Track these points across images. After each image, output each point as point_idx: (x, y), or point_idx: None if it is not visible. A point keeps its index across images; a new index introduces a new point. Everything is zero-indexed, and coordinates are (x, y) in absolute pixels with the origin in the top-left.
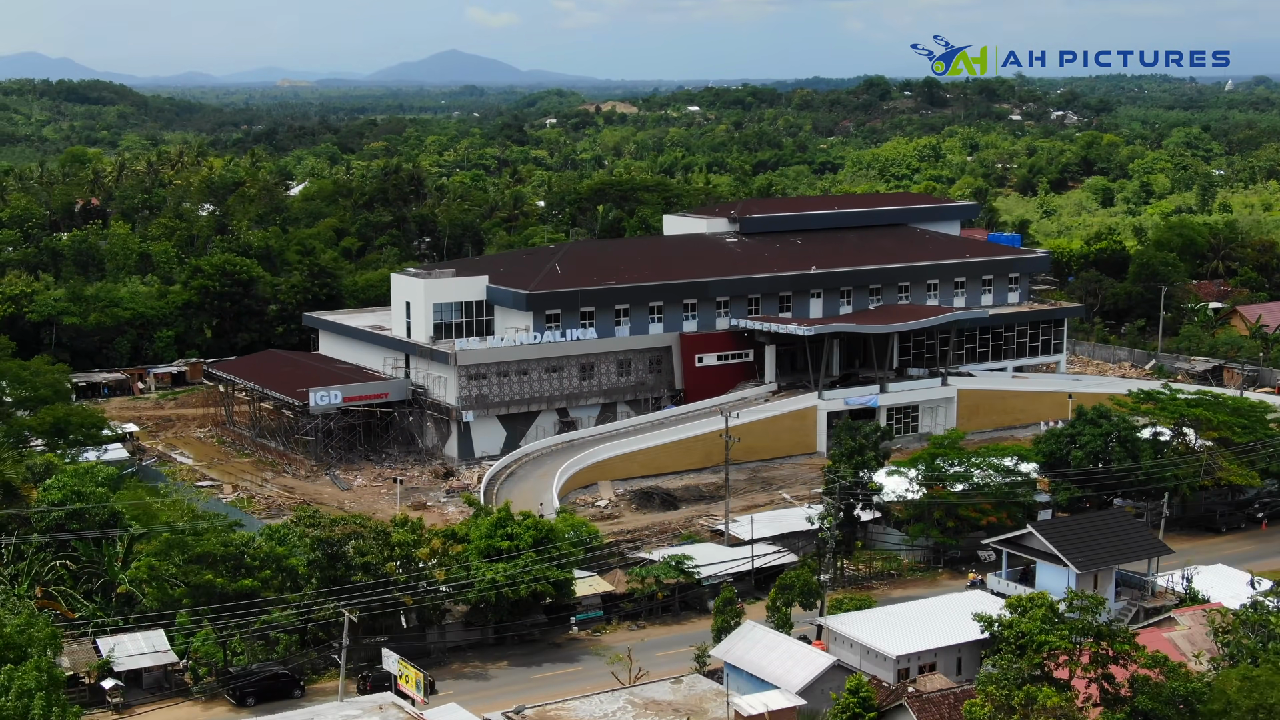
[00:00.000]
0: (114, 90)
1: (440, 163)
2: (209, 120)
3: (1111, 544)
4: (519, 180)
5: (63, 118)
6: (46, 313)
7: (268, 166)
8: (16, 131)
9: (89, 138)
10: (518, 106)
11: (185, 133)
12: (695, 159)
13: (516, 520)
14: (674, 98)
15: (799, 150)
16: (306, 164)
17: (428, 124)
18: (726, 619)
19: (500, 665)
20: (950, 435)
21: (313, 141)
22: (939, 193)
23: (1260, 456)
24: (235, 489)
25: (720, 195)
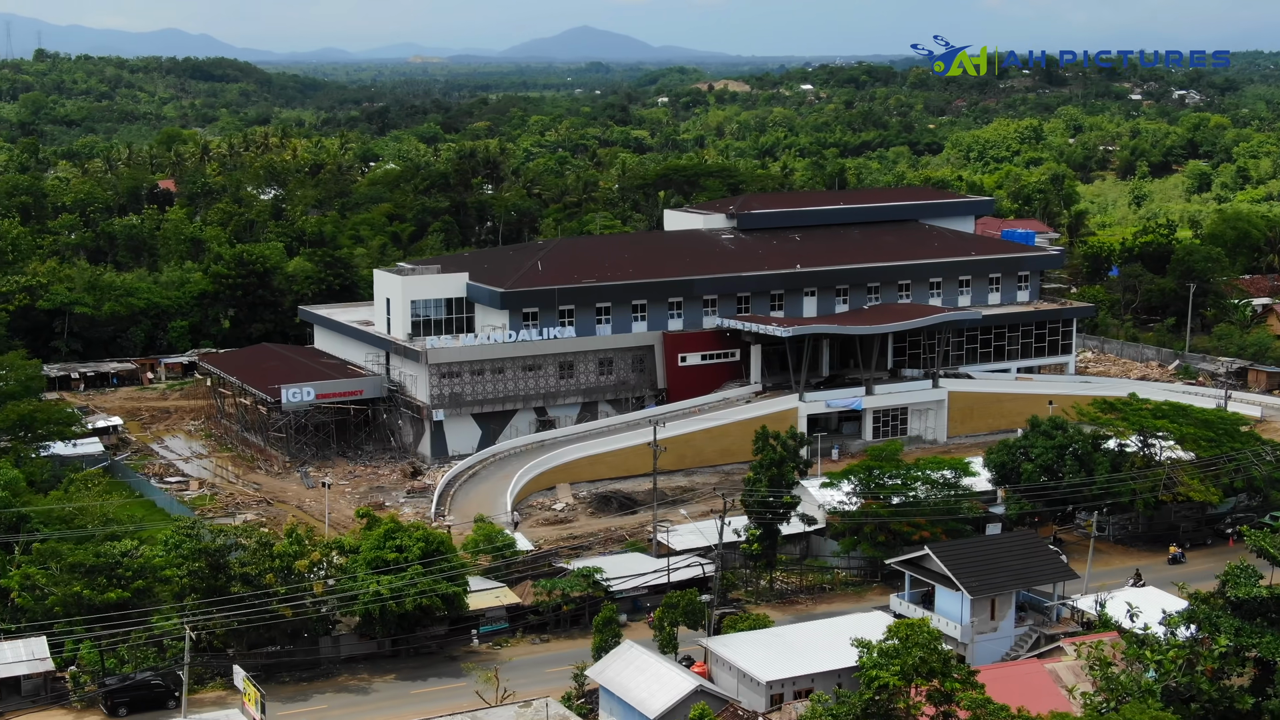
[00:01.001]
0: (238, 68)
1: (541, 143)
2: (331, 98)
3: (1012, 567)
4: (598, 164)
5: (185, 95)
6: (58, 302)
7: (355, 148)
8: (137, 109)
9: (206, 116)
10: (639, 84)
11: (303, 110)
12: (797, 140)
13: (407, 531)
14: (788, 76)
15: (904, 131)
16: (393, 146)
17: (540, 103)
18: (605, 638)
19: (388, 678)
20: (888, 446)
21: (420, 121)
22: (1013, 177)
23: (1225, 471)
24: (201, 485)
25: (784, 182)
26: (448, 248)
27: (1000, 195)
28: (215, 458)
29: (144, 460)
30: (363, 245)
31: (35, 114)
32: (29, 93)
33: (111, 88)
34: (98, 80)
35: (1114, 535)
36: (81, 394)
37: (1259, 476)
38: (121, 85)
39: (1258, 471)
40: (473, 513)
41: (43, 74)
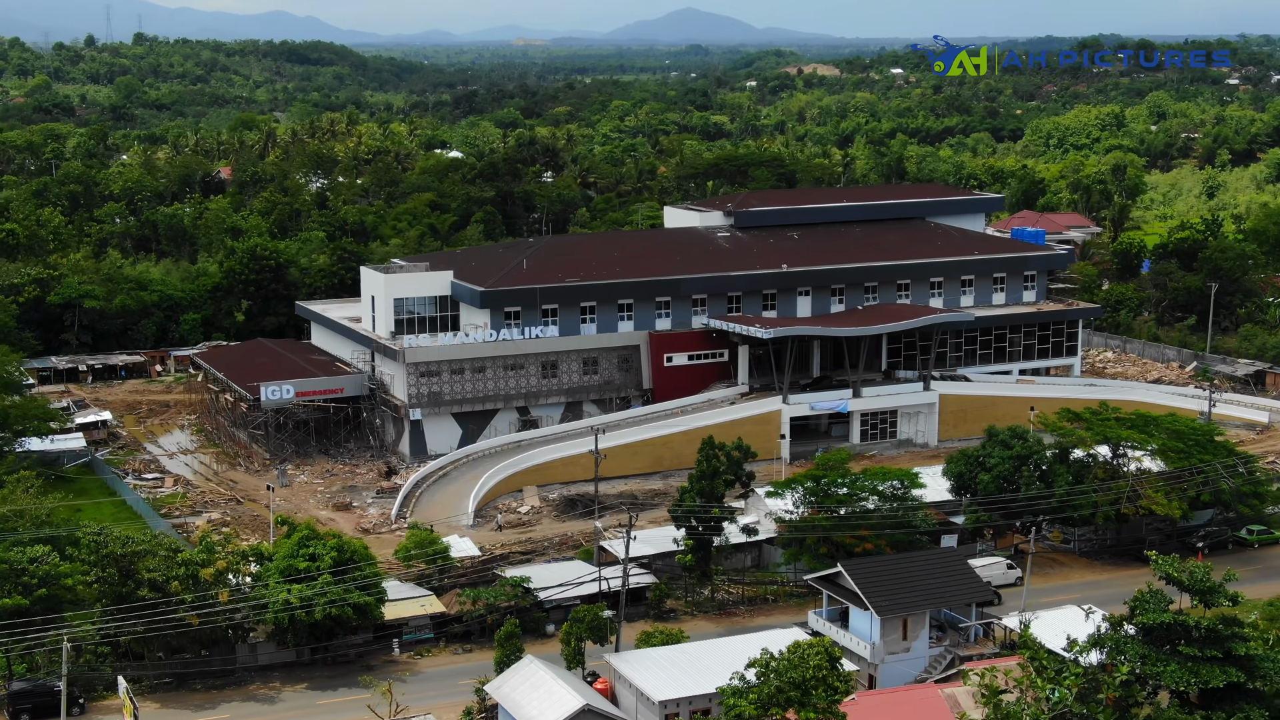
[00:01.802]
0: (334, 51)
1: (620, 128)
2: (425, 81)
3: (926, 586)
4: (661, 151)
5: (280, 79)
6: (68, 295)
7: (424, 134)
8: (228, 93)
9: (296, 99)
10: (735, 67)
11: (395, 94)
12: (879, 125)
13: (321, 539)
14: (879, 59)
15: (988, 116)
16: (461, 133)
17: (628, 87)
18: (507, 652)
19: (299, 688)
20: (836, 455)
21: (502, 105)
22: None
23: (1192, 484)
24: (175, 482)
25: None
26: (489, 238)
27: (1059, 186)
28: (201, 454)
29: (128, 456)
30: (400, 236)
31: (127, 98)
32: (123, 76)
33: (207, 71)
34: (194, 64)
35: (1080, 548)
36: (88, 386)
37: (1227, 490)
38: (217, 69)
39: (1225, 485)
40: (436, 515)
41: (140, 57)
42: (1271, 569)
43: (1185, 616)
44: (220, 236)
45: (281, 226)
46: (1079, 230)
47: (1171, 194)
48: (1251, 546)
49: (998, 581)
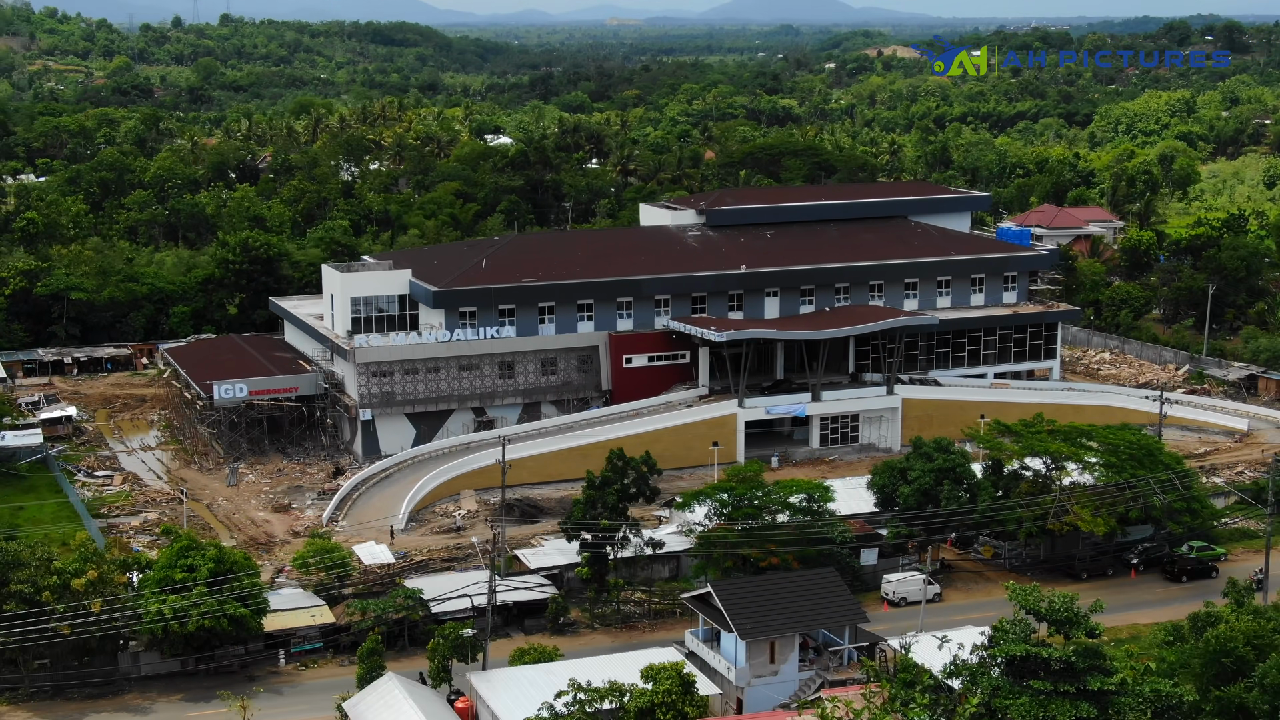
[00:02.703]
0: (419, 32)
1: (688, 111)
2: (509, 63)
3: (796, 608)
4: (709, 138)
5: (363, 60)
6: (56, 287)
7: (478, 119)
8: (306, 74)
9: (374, 81)
10: (822, 48)
11: (476, 76)
12: (949, 110)
13: (200, 550)
14: (960, 41)
15: (1062, 101)
16: (516, 118)
17: (705, 69)
18: (369, 668)
19: (174, 698)
20: (748, 467)
21: (576, 88)
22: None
23: (1122, 499)
24: (124, 480)
25: (866, 161)
26: (512, 228)
27: (1103, 176)
28: (163, 451)
29: (87, 452)
30: (418, 227)
31: (206, 79)
32: (204, 58)
33: (290, 53)
34: (277, 45)
35: (1010, 563)
36: (72, 379)
37: (1157, 506)
38: (300, 50)
39: (1157, 501)
40: (371, 519)
41: (224, 39)
42: (1207, 588)
43: (1043, 649)
44: (242, 225)
45: (309, 215)
46: (1099, 225)
47: (1232, 183)
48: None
49: (913, 597)
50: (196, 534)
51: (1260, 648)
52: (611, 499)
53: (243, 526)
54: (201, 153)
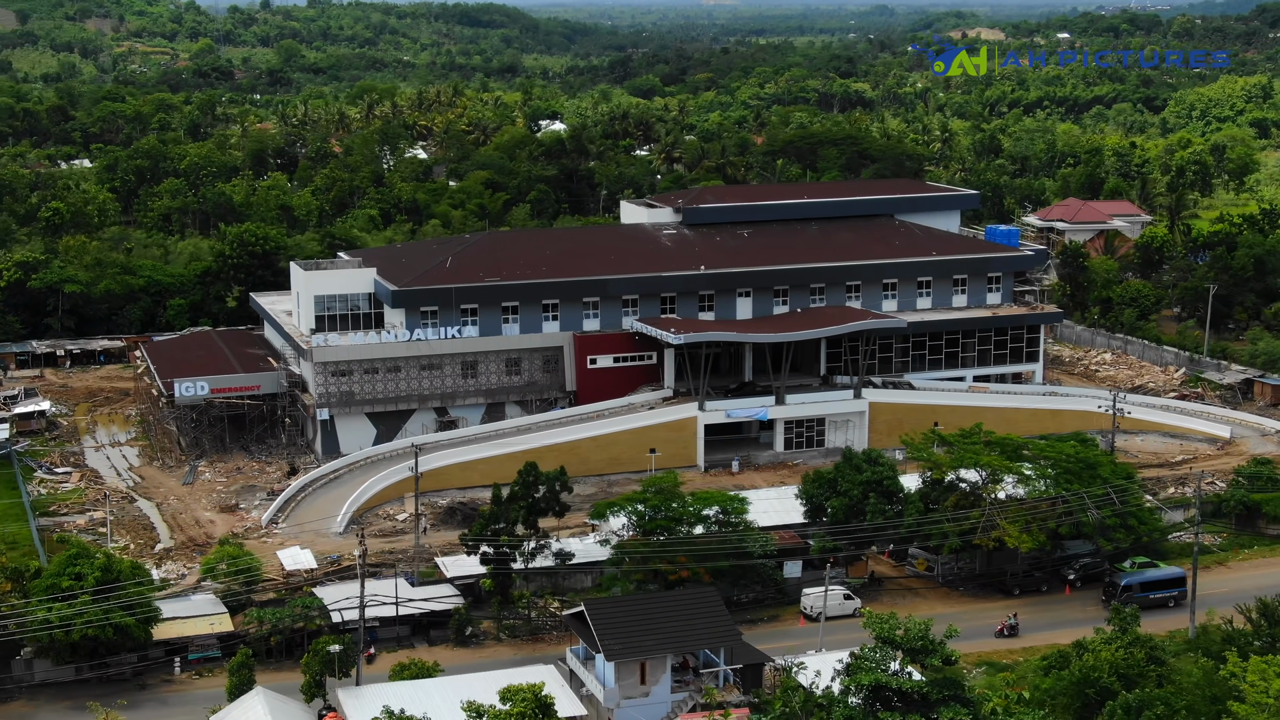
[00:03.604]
0: (505, 13)
1: (759, 95)
2: (595, 44)
3: (669, 629)
4: (762, 124)
5: (448, 42)
6: (50, 280)
7: (536, 104)
8: (388, 57)
9: (454, 64)
10: (914, 28)
11: (558, 57)
12: (1025, 94)
13: (89, 558)
14: (1048, 24)
15: (1141, 85)
16: (573, 104)
17: (788, 50)
18: (239, 681)
19: (61, 706)
20: (665, 479)
21: (648, 70)
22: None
23: (1052, 515)
24: (82, 477)
25: (913, 151)
26: (539, 218)
27: (1150, 168)
28: (131, 447)
29: (55, 448)
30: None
31: (286, 61)
32: (287, 40)
33: (376, 34)
34: (363, 27)
35: (943, 577)
36: (63, 371)
37: (1088, 522)
38: (386, 32)
39: (1087, 517)
40: (312, 521)
41: (310, 20)
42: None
43: (895, 678)
44: (270, 214)
45: (340, 204)
46: (1125, 219)
47: None
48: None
49: (833, 612)
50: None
51: (1129, 678)
52: (516, 514)
53: (185, 526)
54: (243, 140)
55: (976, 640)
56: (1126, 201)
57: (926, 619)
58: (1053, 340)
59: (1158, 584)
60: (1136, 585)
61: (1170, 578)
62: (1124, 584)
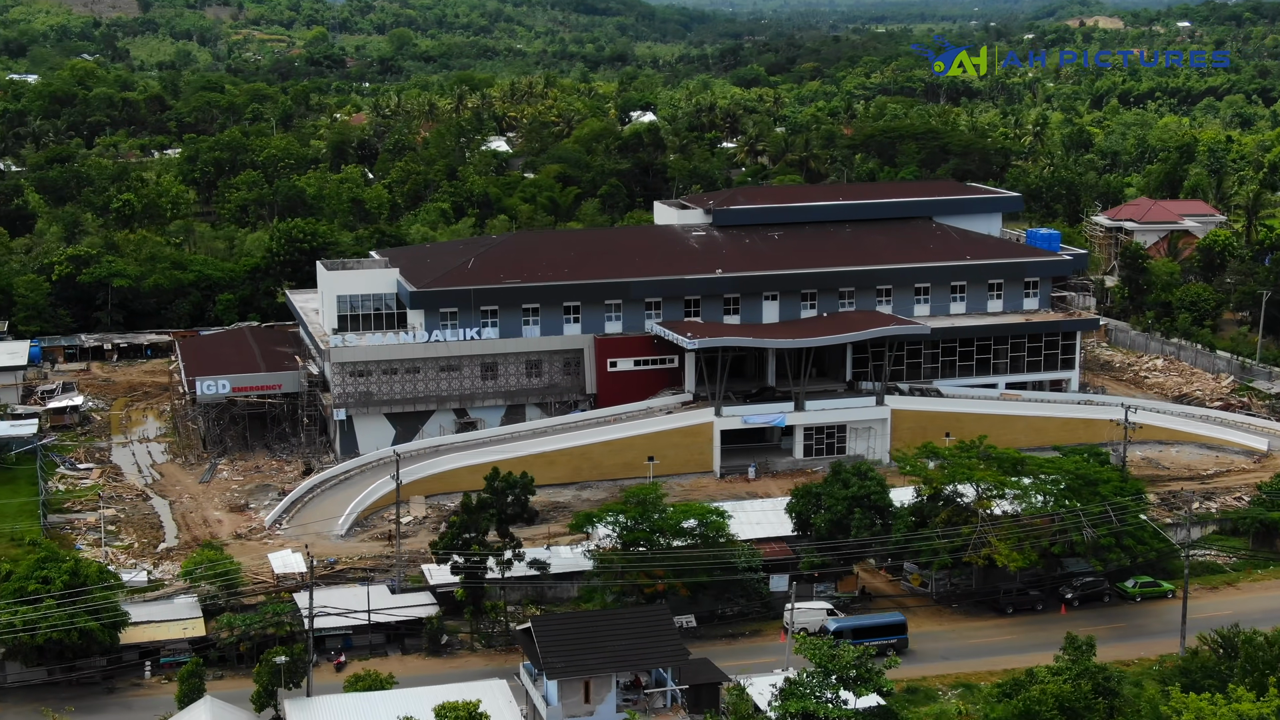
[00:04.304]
0: (621, 1)
1: (865, 85)
2: (712, 32)
3: (615, 647)
4: (853, 116)
5: (562, 29)
6: (99, 275)
7: (632, 94)
8: (500, 45)
9: (566, 52)
10: (1036, 16)
11: (671, 46)
12: (1136, 86)
13: (57, 561)
14: (1168, 12)
15: (1259, 76)
16: (667, 95)
17: (901, 39)
18: (187, 690)
19: (26, 709)
20: (647, 489)
21: (757, 58)
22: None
23: (1046, 532)
24: (101, 474)
25: (1000, 145)
26: (609, 213)
27: (1243, 165)
28: (159, 443)
29: (86, 443)
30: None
31: (398, 50)
32: (400, 28)
33: (491, 22)
34: (479, 14)
35: (937, 592)
36: (109, 365)
37: (1081, 541)
38: (502, 20)
39: (1079, 536)
40: (316, 523)
41: (426, 8)
42: (1139, 628)
43: (824, 706)
44: (342, 208)
45: (415, 197)
46: (1197, 219)
47: None
48: (1133, 600)
49: (813, 629)
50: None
51: (1075, 711)
52: (486, 524)
53: (193, 526)
54: (326, 131)
55: (959, 660)
56: (1200, 201)
57: (866, 647)
58: (1107, 345)
59: (871, 630)
60: (848, 631)
61: (886, 624)
62: (833, 630)
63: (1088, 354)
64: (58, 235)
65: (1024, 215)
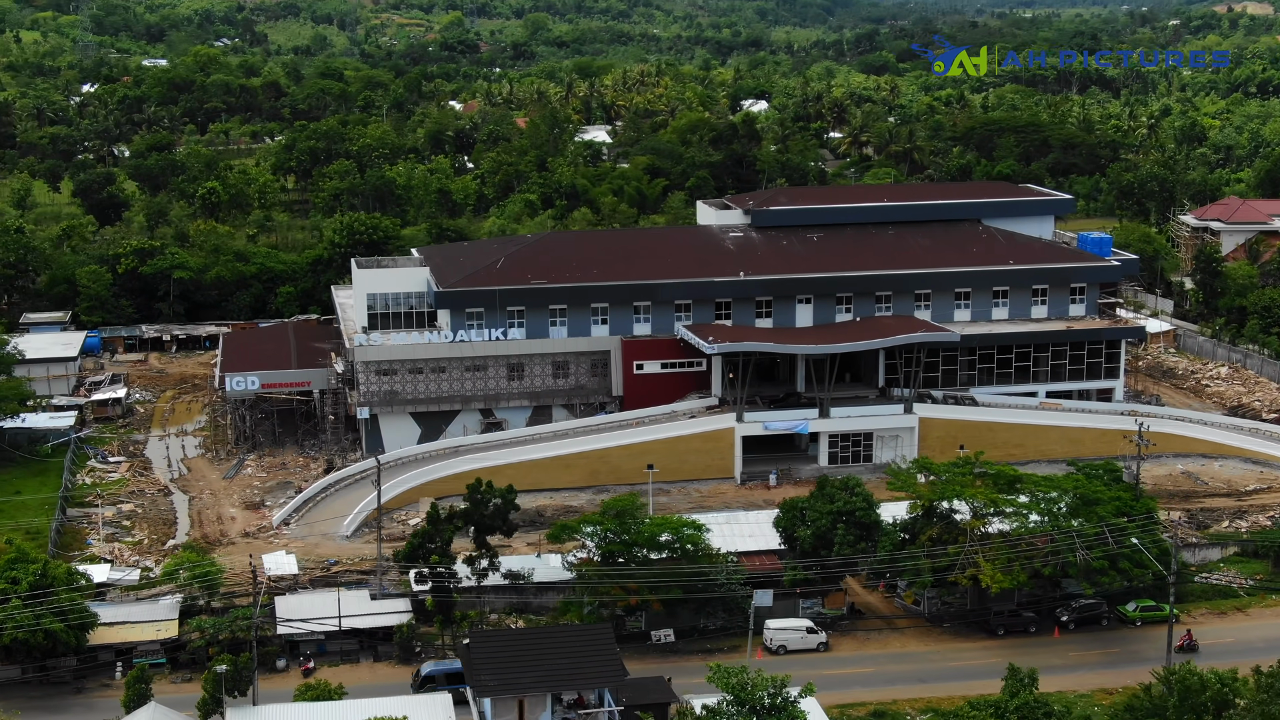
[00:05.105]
0: None
1: (995, 73)
2: (853, 16)
3: (550, 666)
4: (963, 104)
5: (701, 14)
6: (161, 267)
7: (747, 82)
8: (635, 30)
9: (702, 37)
10: (1182, 4)
11: (810, 30)
12: (1275, 74)
13: (26, 563)
14: None
15: None
16: (783, 83)
17: (1044, 24)
18: (132, 695)
19: None
20: (626, 501)
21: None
22: None
23: (1039, 553)
24: (130, 467)
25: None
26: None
27: None
28: (195, 436)
29: (126, 436)
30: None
31: (533, 35)
32: (536, 13)
33: (630, 6)
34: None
35: (929, 611)
36: (167, 356)
37: (1073, 563)
38: (640, 4)
39: (1072, 557)
40: (324, 522)
41: None
42: (1132, 654)
43: None
44: (430, 198)
45: (506, 187)
46: None
47: None
48: (1133, 624)
49: (794, 645)
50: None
51: None
52: (449, 534)
53: (206, 523)
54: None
55: (935, 683)
56: None
57: (782, 676)
58: (1174, 351)
59: None
60: (441, 676)
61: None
62: (425, 674)
63: (1152, 360)
64: (140, 225)
65: (1117, 213)
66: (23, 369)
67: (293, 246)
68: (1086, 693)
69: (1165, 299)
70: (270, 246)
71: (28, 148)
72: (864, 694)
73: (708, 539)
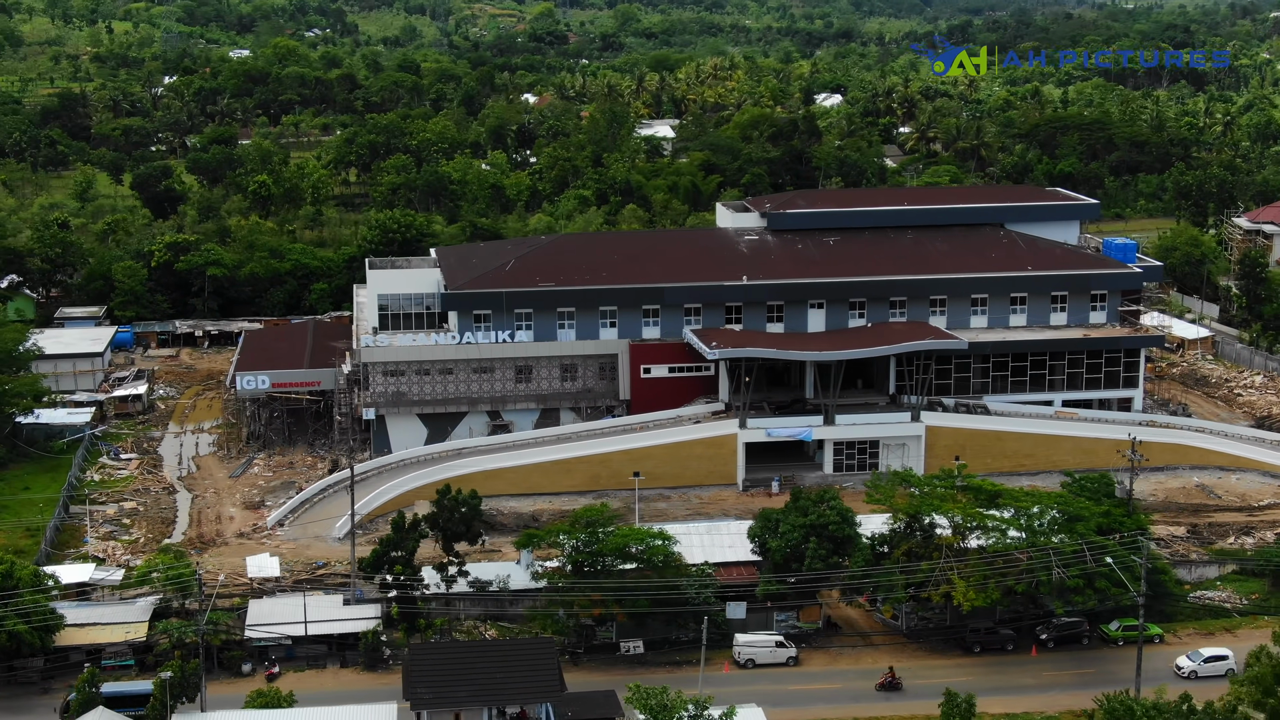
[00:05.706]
0: None
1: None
2: (950, 7)
3: (489, 680)
4: (1039, 101)
5: (795, 4)
6: (195, 263)
7: (826, 76)
8: (724, 21)
9: (793, 29)
10: None
11: (905, 21)
12: None
13: None
14: None
15: None
16: (861, 76)
17: (1141, 16)
18: (81, 700)
19: None
20: (596, 510)
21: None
22: None
23: (1012, 572)
24: (139, 465)
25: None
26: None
27: None
28: (210, 434)
29: (142, 433)
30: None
31: (621, 26)
32: (624, 5)
33: None
34: None
35: (908, 626)
36: (199, 352)
37: (1045, 581)
38: None
39: (1045, 576)
40: (318, 524)
41: None
42: (1108, 674)
43: None
44: (484, 194)
45: (561, 183)
46: None
47: None
48: (1115, 644)
49: (763, 660)
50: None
51: None
52: (413, 544)
53: (204, 522)
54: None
55: (899, 701)
56: None
57: (704, 696)
58: (1212, 358)
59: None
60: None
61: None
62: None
63: (1187, 367)
64: (193, 219)
65: (1176, 213)
66: (50, 364)
67: (340, 242)
68: (1054, 715)
69: (1211, 304)
70: (317, 242)
71: (100, 139)
72: (826, 710)
73: (684, 549)
